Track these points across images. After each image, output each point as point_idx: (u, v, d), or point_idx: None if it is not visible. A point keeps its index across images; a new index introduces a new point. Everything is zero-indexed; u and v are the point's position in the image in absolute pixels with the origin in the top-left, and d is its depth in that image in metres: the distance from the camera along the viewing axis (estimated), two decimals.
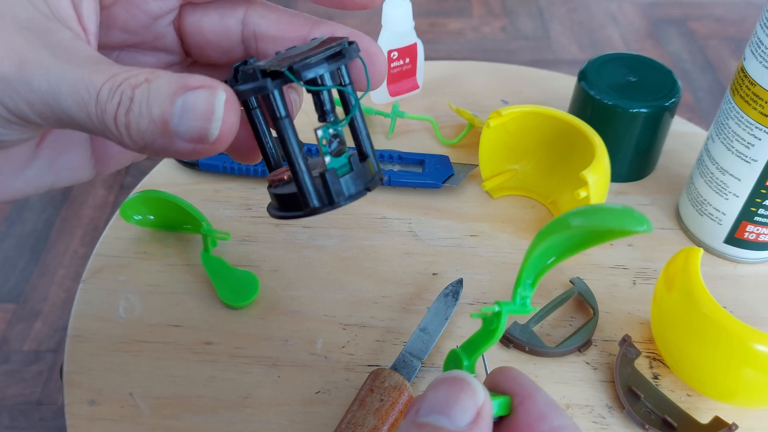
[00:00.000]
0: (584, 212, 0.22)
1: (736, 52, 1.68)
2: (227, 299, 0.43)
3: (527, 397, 0.22)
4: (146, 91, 0.23)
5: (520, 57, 1.65)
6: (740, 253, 0.47)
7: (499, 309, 0.23)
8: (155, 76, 0.23)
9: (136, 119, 0.23)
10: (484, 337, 0.24)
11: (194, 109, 0.23)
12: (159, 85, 0.23)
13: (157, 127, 0.23)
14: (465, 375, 0.22)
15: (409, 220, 0.49)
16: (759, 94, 0.40)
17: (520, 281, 0.23)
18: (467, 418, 0.20)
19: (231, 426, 0.37)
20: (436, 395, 0.21)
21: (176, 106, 0.23)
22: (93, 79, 0.23)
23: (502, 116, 0.48)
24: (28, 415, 0.98)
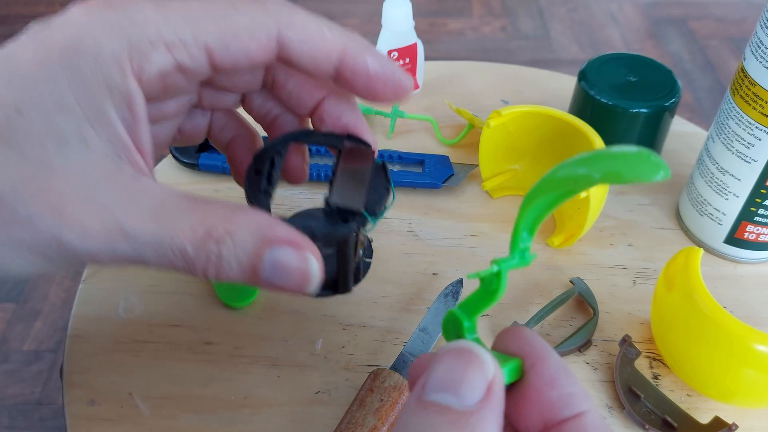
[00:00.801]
0: (590, 160, 0.19)
1: (736, 52, 1.68)
2: (227, 299, 0.43)
3: (538, 359, 0.21)
4: (231, 246, 0.25)
5: (520, 57, 1.65)
6: (740, 253, 0.47)
7: (498, 268, 0.22)
8: (235, 227, 0.25)
9: (225, 272, 0.25)
10: (484, 298, 0.22)
11: (287, 269, 0.26)
12: (243, 240, 0.25)
13: (245, 274, 0.26)
14: (472, 346, 0.20)
15: (409, 220, 0.49)
16: (759, 94, 0.40)
17: (518, 235, 0.22)
18: (477, 396, 0.19)
19: (231, 426, 0.37)
20: (443, 370, 0.20)
21: (265, 261, 0.25)
22: (175, 241, 0.25)
23: (502, 116, 0.48)
24: (28, 414, 0.98)
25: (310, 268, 0.26)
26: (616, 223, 0.50)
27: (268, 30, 0.27)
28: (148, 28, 0.25)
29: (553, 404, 0.20)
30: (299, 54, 0.28)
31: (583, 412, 0.20)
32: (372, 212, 0.30)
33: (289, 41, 0.27)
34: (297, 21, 0.27)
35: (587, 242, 0.48)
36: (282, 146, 0.32)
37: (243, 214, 0.26)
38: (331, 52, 0.28)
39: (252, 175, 0.31)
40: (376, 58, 0.29)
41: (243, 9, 0.27)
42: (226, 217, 0.25)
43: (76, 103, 0.24)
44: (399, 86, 0.30)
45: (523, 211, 0.21)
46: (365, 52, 0.29)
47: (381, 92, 0.29)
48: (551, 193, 0.21)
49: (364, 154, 0.32)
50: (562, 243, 0.47)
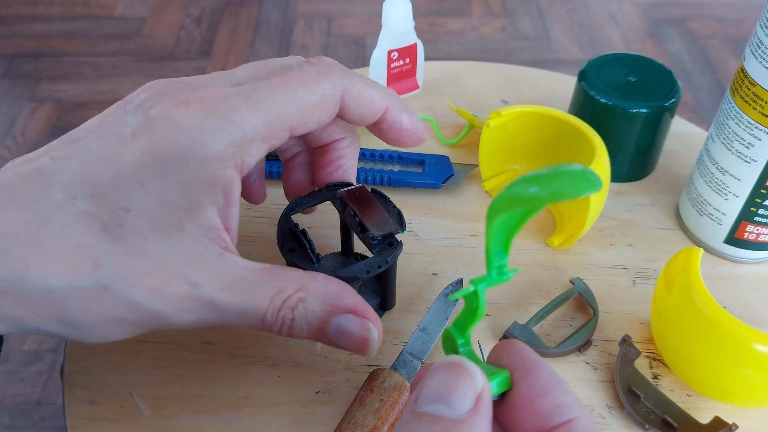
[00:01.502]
0: (537, 179, 0.20)
1: (736, 52, 1.68)
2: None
3: (529, 371, 0.22)
4: (303, 311, 0.30)
5: (520, 57, 1.65)
6: (740, 253, 0.47)
7: (474, 288, 0.23)
8: (307, 294, 0.30)
9: (297, 332, 0.30)
10: (469, 315, 0.23)
11: (350, 335, 0.30)
12: (312, 306, 0.30)
13: (314, 334, 0.30)
14: (461, 360, 0.21)
15: (409, 220, 0.49)
16: (759, 94, 0.40)
17: (490, 253, 0.22)
18: (467, 405, 0.20)
19: (231, 426, 0.37)
20: (434, 383, 0.21)
21: (332, 326, 0.30)
22: (256, 310, 0.29)
23: (502, 116, 0.48)
24: (28, 414, 0.98)
25: (370, 335, 0.31)
26: (616, 223, 0.50)
27: (335, 100, 0.32)
28: (247, 128, 0.29)
29: (545, 413, 0.21)
30: (353, 114, 0.33)
31: (573, 418, 0.21)
32: (401, 227, 0.38)
33: (347, 105, 0.33)
34: (355, 88, 0.33)
35: (587, 242, 0.48)
36: (290, 222, 0.38)
37: (314, 282, 0.30)
38: (377, 112, 0.34)
39: (288, 253, 0.36)
40: (409, 116, 0.35)
41: (315, 86, 0.31)
42: (299, 286, 0.30)
43: (179, 199, 0.28)
44: (419, 138, 0.36)
45: (489, 229, 0.22)
46: (402, 111, 0.35)
47: (405, 141, 0.36)
48: (510, 210, 0.21)
49: (360, 191, 0.38)
50: (562, 243, 0.47)
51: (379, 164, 0.52)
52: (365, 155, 0.52)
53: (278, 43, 1.68)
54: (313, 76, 0.32)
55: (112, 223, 0.28)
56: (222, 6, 1.83)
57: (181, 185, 0.28)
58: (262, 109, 0.30)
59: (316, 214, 0.47)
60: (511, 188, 0.21)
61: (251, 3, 1.84)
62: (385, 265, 0.36)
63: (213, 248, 0.29)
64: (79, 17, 1.79)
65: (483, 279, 0.23)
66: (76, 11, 1.81)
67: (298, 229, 0.37)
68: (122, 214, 0.28)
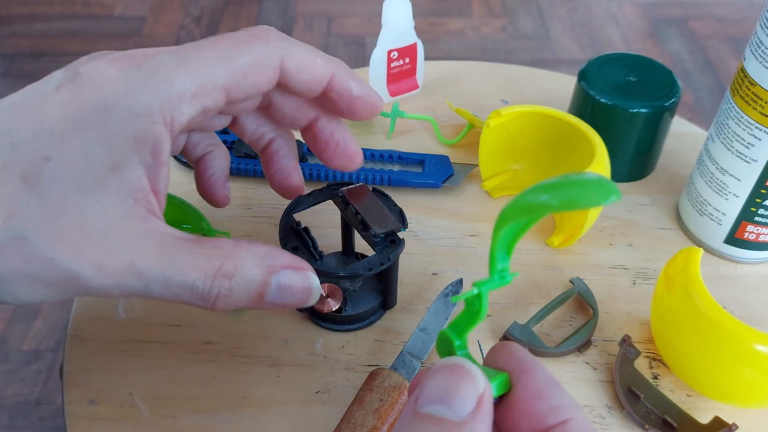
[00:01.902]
0: (551, 187, 0.20)
1: (736, 52, 1.68)
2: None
3: (525, 373, 0.22)
4: (240, 278, 0.28)
5: (520, 57, 1.65)
6: (740, 253, 0.47)
7: (478, 291, 0.23)
8: (240, 260, 0.28)
9: (234, 302, 0.29)
10: (469, 318, 0.23)
11: (290, 289, 0.30)
12: (249, 271, 0.28)
13: (252, 301, 0.29)
14: (463, 362, 0.21)
15: (409, 219, 0.49)
16: (759, 94, 0.40)
17: (495, 258, 0.23)
18: (468, 407, 0.20)
19: (230, 426, 0.37)
20: (436, 384, 0.21)
21: (272, 286, 0.29)
22: (184, 278, 0.27)
23: (502, 116, 0.48)
24: (28, 414, 0.98)
25: (312, 283, 0.30)
26: (616, 223, 0.50)
27: (272, 63, 0.31)
28: (175, 83, 0.28)
29: (541, 415, 0.21)
30: (296, 81, 0.32)
31: (570, 418, 0.21)
32: (403, 225, 0.38)
33: (288, 70, 0.31)
34: (295, 53, 0.31)
35: (587, 242, 0.48)
36: (291, 220, 0.37)
37: (246, 248, 0.29)
38: (322, 78, 0.32)
39: (291, 251, 0.36)
40: (357, 83, 0.34)
41: (249, 48, 0.30)
42: (232, 253, 0.28)
43: (102, 154, 0.27)
44: (374, 106, 0.34)
45: (496, 234, 0.22)
46: (349, 77, 0.33)
47: (359, 111, 0.34)
48: (519, 218, 0.22)
49: (361, 189, 0.38)
50: (562, 243, 0.47)
51: (379, 164, 0.52)
52: (365, 155, 0.52)
53: None
54: (246, 38, 0.31)
55: (32, 174, 0.26)
56: (222, 6, 1.82)
57: (104, 139, 0.27)
58: (191, 66, 0.28)
59: (317, 213, 0.47)
60: (523, 197, 0.21)
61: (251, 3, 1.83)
62: (388, 262, 0.37)
63: (137, 210, 0.28)
64: (78, 16, 1.79)
65: (486, 282, 0.23)
66: (75, 10, 1.81)
67: (300, 227, 0.37)
68: (41, 165, 0.26)
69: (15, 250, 0.26)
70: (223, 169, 0.38)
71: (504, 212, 0.22)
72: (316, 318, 0.42)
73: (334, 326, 0.42)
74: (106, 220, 0.27)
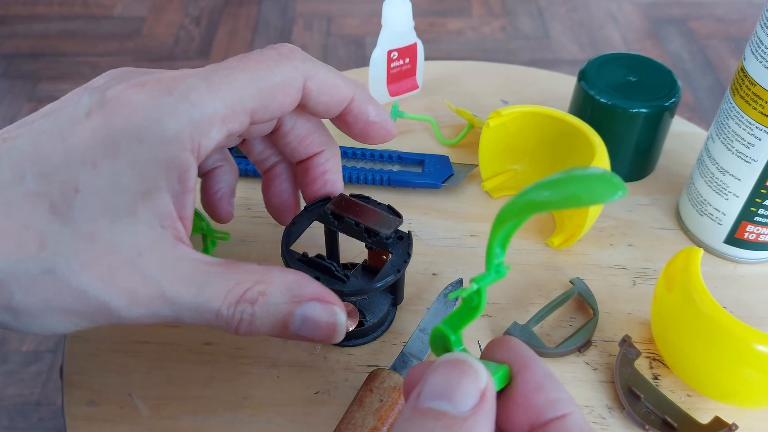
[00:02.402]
0: (552, 184, 0.20)
1: (736, 52, 1.68)
2: None
3: (524, 367, 0.22)
4: (264, 305, 0.28)
5: (520, 57, 1.65)
6: (740, 253, 0.47)
7: (478, 286, 0.23)
8: (267, 286, 0.28)
9: (257, 328, 0.28)
10: (466, 313, 0.23)
11: (316, 323, 0.29)
12: (275, 298, 0.28)
13: (276, 329, 0.29)
14: (465, 357, 0.21)
15: (409, 220, 0.49)
16: (759, 94, 0.40)
17: (492, 253, 0.23)
18: (471, 402, 0.20)
19: (230, 426, 0.37)
20: (438, 379, 0.21)
21: (296, 317, 0.29)
22: (211, 304, 0.27)
23: (501, 116, 0.48)
24: (27, 415, 0.98)
25: (337, 320, 0.30)
26: (616, 223, 0.50)
27: (297, 84, 0.31)
28: (206, 108, 0.28)
29: (540, 408, 0.21)
30: (316, 102, 0.32)
31: (567, 413, 0.21)
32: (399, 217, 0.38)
33: (310, 92, 0.32)
34: (319, 73, 0.32)
35: (587, 242, 0.48)
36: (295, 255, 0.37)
37: (274, 274, 0.29)
38: (342, 101, 0.33)
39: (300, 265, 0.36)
40: (375, 108, 0.34)
41: (276, 69, 0.30)
42: (259, 279, 0.28)
43: (133, 181, 0.27)
44: (388, 132, 0.35)
45: (495, 232, 0.22)
46: (368, 102, 0.34)
47: (373, 135, 0.34)
48: (520, 217, 0.21)
49: (345, 200, 0.38)
50: (562, 243, 0.47)
51: (379, 164, 0.52)
52: (365, 155, 0.52)
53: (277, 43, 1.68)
54: (274, 58, 0.31)
55: (62, 204, 0.26)
56: (221, 6, 1.82)
57: (135, 166, 0.27)
58: (222, 89, 0.28)
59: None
60: (523, 195, 0.21)
61: (250, 3, 1.83)
62: (408, 258, 0.37)
63: (167, 237, 0.27)
64: (77, 17, 1.78)
65: (484, 277, 0.23)
66: (74, 11, 1.81)
67: (308, 256, 0.37)
68: (72, 194, 0.26)
69: (46, 283, 0.26)
70: (230, 184, 0.38)
71: (504, 211, 0.22)
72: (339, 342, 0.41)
73: (360, 341, 0.41)
74: (136, 249, 0.27)
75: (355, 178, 0.51)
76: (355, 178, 0.51)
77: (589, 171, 0.20)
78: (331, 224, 0.38)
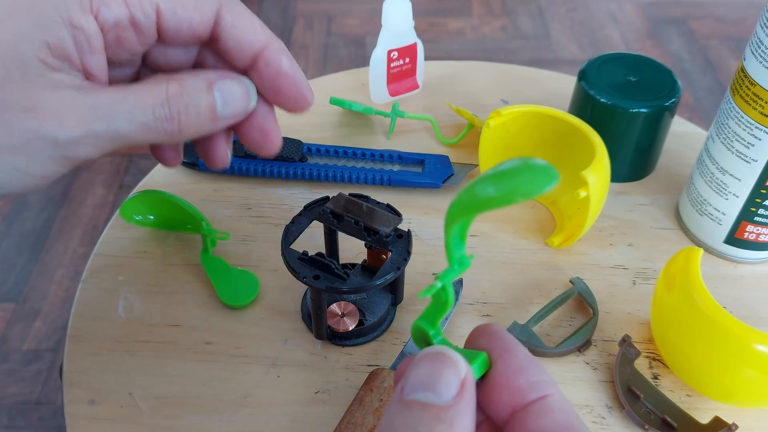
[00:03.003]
0: (492, 178, 0.21)
1: (736, 52, 1.68)
2: (227, 299, 0.43)
3: (505, 351, 0.23)
4: (188, 96, 0.30)
5: (520, 57, 1.65)
6: (740, 253, 0.47)
7: (442, 284, 0.24)
8: (181, 80, 0.30)
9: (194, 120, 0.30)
10: (438, 308, 0.24)
11: (233, 95, 0.31)
12: (193, 87, 0.30)
13: (208, 119, 0.30)
14: (444, 350, 0.22)
15: (409, 220, 0.49)
16: (759, 94, 0.40)
17: (451, 248, 0.23)
18: (453, 392, 0.21)
19: (230, 426, 0.37)
20: (420, 372, 0.22)
21: (216, 96, 0.30)
22: (143, 102, 0.29)
23: (502, 116, 0.48)
24: (27, 414, 0.98)
25: (249, 86, 0.31)
26: (615, 223, 0.50)
27: (212, 6, 0.30)
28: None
29: (521, 390, 0.22)
30: (229, 34, 0.31)
31: (547, 394, 0.22)
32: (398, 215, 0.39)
33: (224, 22, 0.31)
34: (237, 9, 0.31)
35: (587, 242, 0.48)
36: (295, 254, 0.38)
37: (187, 74, 0.30)
38: (255, 42, 0.31)
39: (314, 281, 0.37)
40: (290, 62, 0.32)
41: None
42: (170, 77, 0.30)
43: (39, 36, 0.28)
44: (300, 91, 0.32)
45: (449, 228, 0.23)
46: (283, 53, 0.32)
47: (284, 91, 0.32)
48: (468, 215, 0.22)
49: (344, 200, 0.39)
50: (561, 243, 0.47)
51: (379, 164, 0.52)
52: (365, 155, 0.52)
53: None
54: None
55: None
56: None
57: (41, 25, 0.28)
58: None
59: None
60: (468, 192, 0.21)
61: (251, 2, 1.83)
62: (408, 256, 0.37)
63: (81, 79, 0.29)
64: None
65: (447, 273, 0.24)
66: None
67: (308, 255, 0.37)
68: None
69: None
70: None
71: (451, 210, 0.22)
72: (339, 341, 0.41)
73: (360, 340, 0.41)
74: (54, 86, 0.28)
75: (355, 178, 0.51)
76: (355, 178, 0.51)
77: (527, 162, 0.20)
78: (330, 223, 0.38)
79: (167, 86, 0.29)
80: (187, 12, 0.30)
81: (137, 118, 0.29)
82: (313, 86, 0.61)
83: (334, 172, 0.51)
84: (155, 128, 0.29)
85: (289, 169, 0.51)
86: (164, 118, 0.29)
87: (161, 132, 0.30)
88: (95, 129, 0.28)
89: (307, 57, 1.61)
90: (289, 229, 0.39)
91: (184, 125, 0.30)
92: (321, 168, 0.51)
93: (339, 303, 0.42)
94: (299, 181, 0.52)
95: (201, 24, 0.31)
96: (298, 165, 0.51)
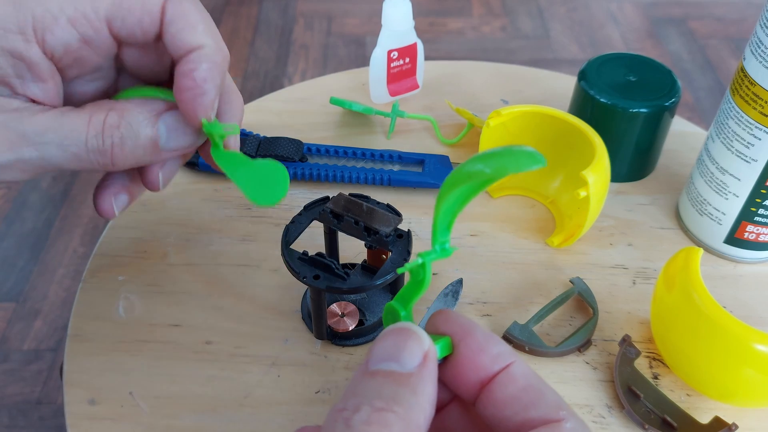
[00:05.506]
0: (482, 157, 0.23)
1: (736, 52, 1.68)
2: (256, 197, 0.33)
3: (467, 334, 0.24)
4: (128, 127, 0.29)
5: (520, 56, 1.65)
6: (740, 253, 0.47)
7: (422, 260, 0.24)
8: (123, 110, 0.29)
9: (131, 152, 0.29)
10: (414, 288, 0.25)
11: (180, 129, 0.30)
12: (135, 118, 0.29)
13: (148, 151, 0.30)
14: (409, 325, 0.23)
15: (409, 220, 0.49)
16: (759, 94, 0.40)
17: (437, 230, 0.24)
18: (416, 361, 0.22)
19: (231, 425, 0.37)
20: (385, 345, 0.23)
21: (160, 129, 0.30)
22: (75, 135, 0.28)
23: (502, 116, 0.48)
24: (28, 414, 0.98)
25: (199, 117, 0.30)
26: (615, 222, 0.50)
27: (157, 4, 0.30)
28: (50, 4, 0.28)
29: (485, 365, 0.23)
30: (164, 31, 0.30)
31: (510, 363, 0.23)
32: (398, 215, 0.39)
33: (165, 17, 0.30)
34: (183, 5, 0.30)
35: (587, 242, 0.48)
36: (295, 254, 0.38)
37: (126, 101, 0.30)
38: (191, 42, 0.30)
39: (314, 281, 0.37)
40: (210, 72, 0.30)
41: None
42: (114, 106, 0.29)
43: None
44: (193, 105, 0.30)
45: (439, 207, 0.24)
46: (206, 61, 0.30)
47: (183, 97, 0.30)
48: (458, 188, 0.23)
49: (344, 199, 0.39)
50: (561, 243, 0.47)
51: (379, 164, 0.52)
52: (365, 155, 0.52)
53: (278, 43, 1.68)
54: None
55: None
56: (221, 5, 1.82)
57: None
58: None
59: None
60: (461, 167, 0.23)
61: (251, 2, 1.83)
62: (408, 256, 0.37)
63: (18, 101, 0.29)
64: None
65: (429, 253, 0.25)
66: None
67: (309, 255, 0.37)
68: None
69: None
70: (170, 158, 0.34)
71: (445, 183, 0.24)
72: (339, 341, 0.41)
73: (360, 340, 0.41)
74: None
75: (355, 178, 0.51)
76: (355, 178, 0.51)
77: (515, 148, 0.22)
78: (330, 223, 0.38)
79: (106, 116, 0.29)
80: (134, 15, 0.30)
81: (69, 148, 0.29)
82: (314, 86, 0.61)
83: (334, 172, 0.51)
84: (87, 159, 0.29)
85: (289, 169, 0.51)
86: (96, 150, 0.29)
87: (93, 163, 0.29)
88: (23, 156, 0.28)
89: (307, 57, 1.61)
90: (289, 229, 0.39)
91: (118, 159, 0.29)
92: (321, 168, 0.51)
93: (339, 303, 0.42)
94: (299, 181, 0.52)
95: (152, 24, 0.30)
96: (298, 165, 0.51)
